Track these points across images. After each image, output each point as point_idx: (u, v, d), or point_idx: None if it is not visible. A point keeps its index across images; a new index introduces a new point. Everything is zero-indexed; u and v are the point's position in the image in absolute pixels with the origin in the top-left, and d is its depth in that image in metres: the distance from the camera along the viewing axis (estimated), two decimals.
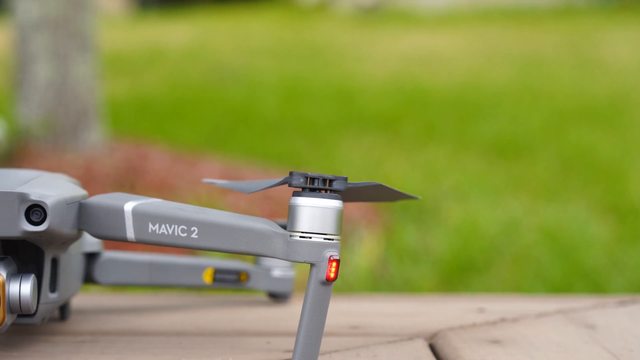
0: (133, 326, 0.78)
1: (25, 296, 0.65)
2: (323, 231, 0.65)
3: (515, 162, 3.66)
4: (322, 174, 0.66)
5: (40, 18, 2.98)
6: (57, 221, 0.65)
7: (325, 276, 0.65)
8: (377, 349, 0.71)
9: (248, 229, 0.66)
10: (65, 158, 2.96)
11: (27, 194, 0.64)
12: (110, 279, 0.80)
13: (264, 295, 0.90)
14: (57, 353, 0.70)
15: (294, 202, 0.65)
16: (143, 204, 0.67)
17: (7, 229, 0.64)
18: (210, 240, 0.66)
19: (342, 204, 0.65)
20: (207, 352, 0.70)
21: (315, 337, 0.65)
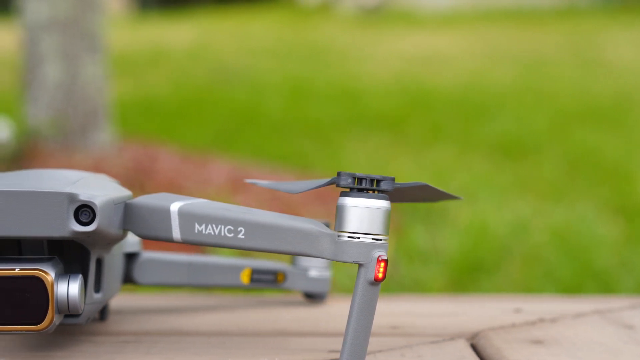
0: (173, 326, 0.78)
1: (73, 296, 0.65)
2: (371, 231, 0.65)
3: (521, 163, 3.66)
4: (370, 174, 0.66)
5: (49, 19, 2.98)
6: (105, 221, 0.66)
7: (374, 276, 0.65)
8: (421, 349, 0.72)
9: (295, 229, 0.66)
10: (75, 158, 2.96)
11: (76, 194, 0.64)
12: (150, 280, 0.80)
13: (299, 296, 0.90)
14: (102, 353, 0.70)
15: (342, 203, 0.65)
16: (189, 204, 0.67)
17: (56, 229, 0.64)
18: (257, 241, 0.66)
19: (389, 204, 0.65)
20: (251, 352, 0.70)
21: (363, 337, 0.65)
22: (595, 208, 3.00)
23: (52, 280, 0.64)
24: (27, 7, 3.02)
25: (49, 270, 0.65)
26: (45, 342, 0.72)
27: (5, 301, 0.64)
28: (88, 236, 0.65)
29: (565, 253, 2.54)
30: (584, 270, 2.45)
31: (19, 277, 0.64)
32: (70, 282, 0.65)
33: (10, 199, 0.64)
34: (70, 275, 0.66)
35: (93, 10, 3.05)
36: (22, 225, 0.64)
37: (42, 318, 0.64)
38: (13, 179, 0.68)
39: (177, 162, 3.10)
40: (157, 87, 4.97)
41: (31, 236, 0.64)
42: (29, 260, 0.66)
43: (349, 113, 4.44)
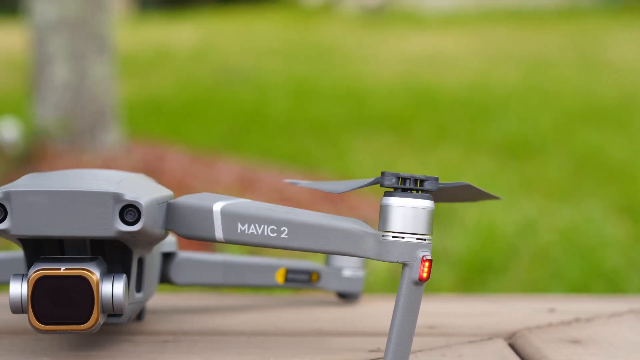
0: (211, 326, 0.78)
1: (118, 296, 0.65)
2: (415, 231, 0.65)
3: (527, 163, 3.67)
4: (413, 174, 0.66)
5: (58, 19, 2.98)
6: (150, 221, 0.66)
7: (418, 276, 0.65)
8: (461, 349, 0.72)
9: (339, 229, 0.66)
10: (83, 159, 2.96)
11: (121, 194, 0.64)
12: (186, 279, 0.80)
13: (332, 295, 0.90)
14: (143, 353, 0.70)
15: (386, 202, 0.66)
16: (232, 204, 0.68)
17: (102, 229, 0.64)
18: (301, 241, 0.66)
19: (433, 204, 0.66)
20: (291, 352, 0.70)
21: (407, 337, 0.65)
22: (601, 208, 3.00)
23: (97, 280, 0.65)
24: (36, 7, 3.02)
25: (94, 269, 0.65)
26: (85, 342, 0.72)
27: (51, 301, 0.64)
28: (133, 236, 0.65)
29: (573, 253, 2.54)
30: (593, 271, 2.45)
31: (65, 276, 0.64)
32: (114, 282, 0.66)
33: (56, 198, 0.64)
34: (114, 274, 0.66)
35: (101, 10, 3.05)
36: (68, 225, 0.64)
37: (87, 318, 0.65)
38: (56, 178, 0.68)
39: (186, 162, 3.10)
40: (162, 88, 4.97)
41: (77, 236, 0.65)
42: (73, 260, 0.66)
43: (354, 113, 4.44)
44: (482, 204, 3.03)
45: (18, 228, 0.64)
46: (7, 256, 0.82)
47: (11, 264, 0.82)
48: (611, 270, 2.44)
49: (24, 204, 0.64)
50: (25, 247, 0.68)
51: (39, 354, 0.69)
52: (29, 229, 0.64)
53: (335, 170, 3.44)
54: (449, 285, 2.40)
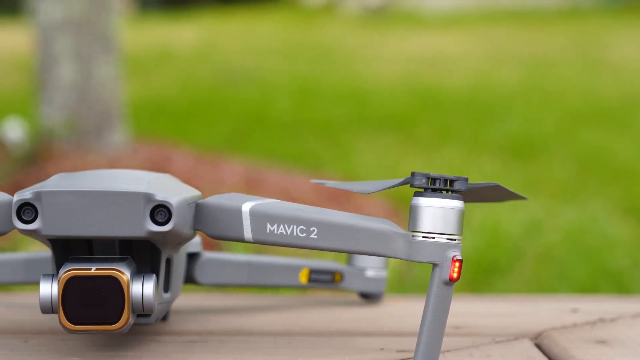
0: (236, 326, 0.78)
1: (148, 296, 0.65)
2: (446, 231, 0.65)
3: (531, 163, 3.67)
4: (443, 174, 0.66)
5: (63, 19, 2.98)
6: (180, 222, 0.66)
7: (449, 276, 0.65)
8: (488, 349, 0.72)
9: (369, 229, 0.66)
10: (89, 159, 2.96)
11: (152, 194, 0.64)
12: (210, 280, 0.80)
13: (354, 295, 0.90)
14: (171, 353, 0.70)
15: (416, 203, 0.66)
16: (261, 204, 0.68)
17: (132, 229, 0.64)
18: (330, 241, 0.66)
19: (463, 205, 0.66)
20: (320, 352, 0.70)
21: (437, 337, 0.65)
22: (606, 208, 3.01)
23: (128, 280, 0.65)
24: (41, 7, 3.02)
25: (124, 270, 0.65)
26: (112, 342, 0.72)
27: (81, 301, 0.64)
28: (163, 236, 0.65)
29: (579, 253, 2.54)
30: (598, 271, 2.45)
31: (95, 277, 0.64)
32: (144, 282, 0.66)
33: (87, 198, 0.64)
34: (144, 274, 0.66)
35: (107, 10, 3.05)
36: (98, 225, 0.64)
37: (118, 318, 0.65)
38: (86, 179, 0.68)
39: (191, 162, 3.10)
40: (165, 88, 4.97)
41: (107, 236, 0.65)
42: (102, 260, 0.66)
43: (358, 113, 4.44)
44: (487, 204, 3.04)
45: (49, 228, 0.64)
46: (30, 257, 0.82)
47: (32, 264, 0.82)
48: (617, 270, 2.44)
49: (54, 204, 0.64)
50: (53, 247, 0.68)
51: (68, 354, 0.69)
52: (59, 229, 0.64)
53: (340, 170, 3.44)
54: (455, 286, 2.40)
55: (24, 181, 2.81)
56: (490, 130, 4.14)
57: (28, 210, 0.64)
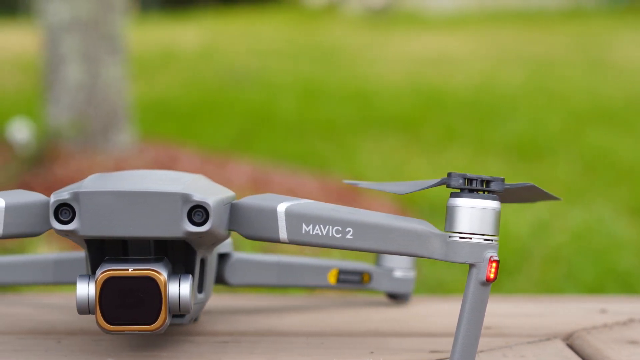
0: (267, 326, 0.78)
1: (184, 296, 0.65)
2: (483, 232, 0.65)
3: (536, 164, 3.67)
4: (480, 175, 0.66)
5: (70, 20, 2.98)
6: (217, 222, 0.66)
7: (485, 277, 0.65)
8: (521, 349, 0.72)
9: (405, 230, 0.66)
10: (96, 159, 2.95)
11: (190, 194, 0.64)
12: (241, 280, 0.80)
13: (381, 296, 0.90)
14: (206, 353, 0.70)
15: (452, 203, 0.66)
16: (296, 205, 0.68)
17: (170, 229, 0.64)
18: (366, 241, 0.66)
19: (500, 205, 0.66)
20: (354, 352, 0.70)
21: (474, 338, 0.65)
22: (612, 209, 3.01)
23: (165, 281, 0.65)
24: (48, 8, 3.02)
25: (161, 270, 0.65)
26: (145, 343, 0.72)
27: (118, 301, 0.64)
28: (200, 237, 0.65)
29: (586, 254, 2.54)
30: (606, 271, 2.45)
31: (133, 277, 0.64)
32: (181, 282, 0.66)
33: (124, 199, 0.64)
34: (180, 275, 0.66)
35: (114, 11, 3.05)
36: (135, 225, 0.64)
37: (155, 318, 0.65)
38: (122, 179, 0.68)
39: (198, 163, 3.10)
40: (169, 89, 4.96)
41: (144, 237, 0.65)
42: (139, 261, 0.66)
43: (362, 114, 4.44)
44: None
45: (86, 229, 0.64)
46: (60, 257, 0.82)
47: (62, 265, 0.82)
48: (624, 271, 2.44)
49: (92, 204, 0.64)
50: (89, 247, 0.68)
51: (102, 354, 0.69)
52: (97, 230, 0.64)
53: (346, 171, 3.44)
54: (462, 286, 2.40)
55: (32, 182, 2.80)
56: (495, 130, 4.14)
57: (65, 211, 0.64)
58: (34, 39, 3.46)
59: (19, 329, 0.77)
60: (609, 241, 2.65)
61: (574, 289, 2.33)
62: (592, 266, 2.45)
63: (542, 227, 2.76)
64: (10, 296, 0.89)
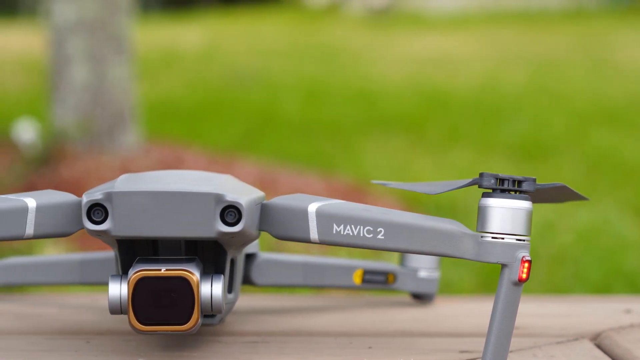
0: (294, 327, 0.78)
1: (217, 297, 0.65)
2: (515, 232, 0.65)
3: (541, 164, 3.67)
4: (512, 175, 0.66)
5: (76, 20, 2.98)
6: (250, 222, 0.66)
7: (518, 277, 0.65)
8: (551, 349, 0.72)
9: (436, 230, 0.66)
10: (102, 160, 2.96)
11: (223, 194, 0.64)
12: (267, 281, 0.80)
13: (405, 296, 0.90)
14: (236, 353, 0.70)
15: (484, 203, 0.66)
16: (327, 205, 0.68)
17: (203, 229, 0.64)
18: (397, 241, 0.66)
19: (531, 205, 0.66)
20: (384, 353, 0.71)
21: (506, 338, 0.65)
22: (617, 209, 3.01)
23: (197, 281, 0.65)
24: (54, 8, 3.02)
25: (193, 270, 0.65)
26: (174, 343, 0.72)
27: (151, 302, 0.64)
28: (232, 237, 0.65)
29: (592, 254, 2.54)
30: (613, 272, 2.45)
31: (165, 277, 0.64)
32: (213, 283, 0.66)
33: (157, 199, 0.64)
34: (212, 275, 0.66)
35: (120, 11, 3.05)
36: (168, 225, 0.64)
37: (187, 319, 0.65)
38: (153, 179, 0.68)
39: (204, 163, 3.10)
40: (172, 89, 4.97)
41: (177, 237, 0.65)
42: (171, 261, 0.66)
43: (366, 114, 4.44)
44: None
45: (119, 229, 0.64)
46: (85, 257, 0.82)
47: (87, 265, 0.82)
48: (631, 271, 2.44)
49: (125, 205, 0.64)
50: (120, 247, 0.68)
51: (133, 354, 0.69)
52: (129, 230, 0.65)
53: (351, 171, 3.44)
54: (469, 286, 2.41)
55: (38, 182, 2.81)
56: (498, 131, 4.14)
57: (98, 211, 0.65)
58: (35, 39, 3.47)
59: (46, 329, 0.77)
60: (615, 241, 2.66)
61: (581, 289, 2.33)
62: (599, 266, 2.45)
63: (548, 228, 2.76)
64: (35, 296, 0.89)
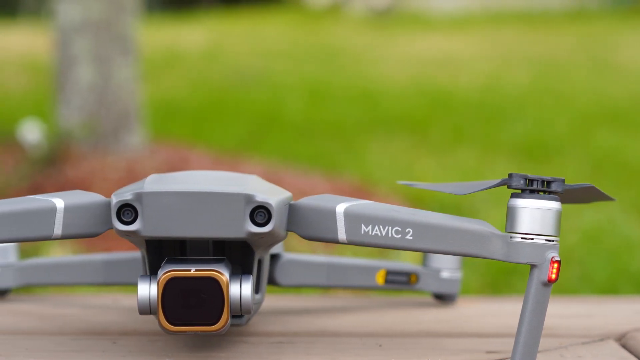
0: (319, 327, 0.78)
1: (246, 297, 0.65)
2: (544, 232, 0.65)
3: (545, 165, 3.67)
4: (541, 176, 0.66)
5: (82, 21, 2.98)
6: (279, 223, 0.66)
7: (547, 277, 0.65)
8: (578, 350, 0.72)
9: (465, 230, 0.66)
10: (107, 160, 2.96)
11: (253, 195, 0.64)
12: (291, 281, 0.80)
13: (427, 297, 0.90)
14: (263, 354, 0.70)
15: (513, 204, 0.66)
16: (355, 206, 0.68)
17: (232, 230, 0.64)
18: (426, 242, 0.66)
19: (560, 205, 0.66)
20: (411, 353, 0.71)
21: (535, 338, 0.65)
22: (621, 210, 3.01)
23: (227, 281, 0.65)
24: (60, 9, 3.02)
25: (223, 270, 0.65)
26: (201, 343, 0.72)
27: (181, 302, 0.64)
28: (261, 237, 0.65)
29: (598, 255, 2.54)
30: (619, 272, 2.45)
31: (195, 277, 0.64)
32: (242, 283, 0.66)
33: (187, 200, 0.64)
34: (241, 275, 0.66)
35: (125, 12, 3.05)
36: (198, 226, 0.64)
37: (217, 319, 0.65)
38: (182, 180, 0.68)
39: (209, 164, 3.10)
40: (176, 90, 4.96)
41: (207, 237, 0.65)
42: (199, 261, 0.66)
43: (369, 115, 4.44)
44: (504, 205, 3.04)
45: (149, 229, 0.64)
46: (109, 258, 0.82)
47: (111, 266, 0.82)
48: (637, 271, 2.44)
49: (155, 205, 0.64)
50: (147, 248, 0.68)
51: (160, 354, 0.69)
52: (159, 230, 0.64)
53: (356, 171, 3.44)
54: (475, 287, 2.41)
55: (43, 183, 2.80)
56: (502, 131, 4.15)
57: (128, 212, 0.64)
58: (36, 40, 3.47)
59: (72, 329, 0.77)
60: (621, 242, 2.66)
61: (587, 290, 2.33)
62: (605, 267, 2.45)
63: None
64: (57, 297, 0.89)
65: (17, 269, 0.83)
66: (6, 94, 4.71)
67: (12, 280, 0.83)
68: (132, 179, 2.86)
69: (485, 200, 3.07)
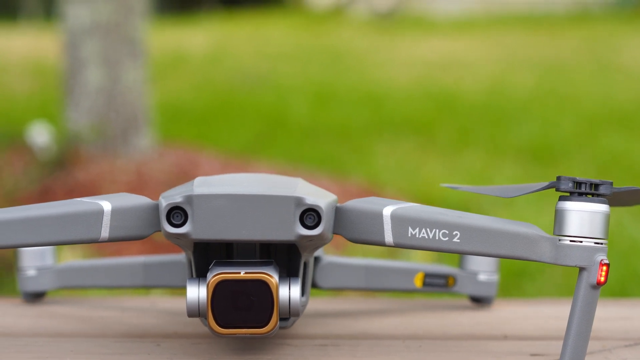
0: (360, 329, 0.78)
1: (294, 300, 0.66)
2: (593, 235, 0.65)
3: (551, 168, 3.67)
4: (589, 178, 0.66)
5: (91, 24, 2.98)
6: (328, 225, 0.66)
7: (596, 280, 0.65)
8: (621, 353, 0.72)
9: (513, 233, 0.66)
10: (116, 163, 2.96)
11: (303, 197, 0.64)
12: (331, 284, 0.80)
13: (463, 299, 0.90)
14: (309, 356, 0.70)
15: (562, 207, 0.66)
16: (402, 208, 0.68)
17: (282, 233, 0.64)
18: (473, 245, 0.66)
19: (609, 208, 0.66)
20: (454, 356, 0.71)
21: (583, 341, 0.65)
22: (630, 213, 3.01)
23: (276, 284, 0.65)
24: (69, 12, 3.02)
25: (272, 273, 0.65)
26: (245, 346, 0.72)
27: (230, 305, 0.64)
28: (310, 240, 0.65)
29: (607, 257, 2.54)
30: (628, 275, 2.45)
31: (245, 280, 0.65)
32: (291, 286, 0.66)
33: (238, 202, 0.64)
34: (290, 278, 0.66)
35: (134, 14, 3.05)
36: (248, 228, 0.64)
37: (267, 321, 0.65)
38: (230, 183, 0.68)
39: (218, 166, 3.10)
40: (181, 92, 4.96)
41: (256, 240, 0.65)
42: (248, 264, 0.66)
43: (375, 117, 4.44)
44: (511, 208, 3.05)
45: (198, 232, 0.64)
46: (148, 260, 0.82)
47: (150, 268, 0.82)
48: None
49: (205, 208, 0.64)
50: (195, 251, 0.68)
51: (204, 357, 0.69)
52: (209, 233, 0.64)
53: (363, 174, 3.44)
54: None
55: (53, 185, 2.81)
56: (508, 134, 4.15)
57: (177, 214, 0.65)
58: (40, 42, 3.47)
59: (112, 332, 0.77)
60: (630, 244, 2.66)
61: None
62: (614, 269, 2.45)
63: None
64: (93, 299, 0.89)
65: (54, 271, 0.83)
66: (12, 97, 4.71)
67: (49, 282, 0.83)
68: (141, 182, 2.86)
69: (490, 202, 3.07)
